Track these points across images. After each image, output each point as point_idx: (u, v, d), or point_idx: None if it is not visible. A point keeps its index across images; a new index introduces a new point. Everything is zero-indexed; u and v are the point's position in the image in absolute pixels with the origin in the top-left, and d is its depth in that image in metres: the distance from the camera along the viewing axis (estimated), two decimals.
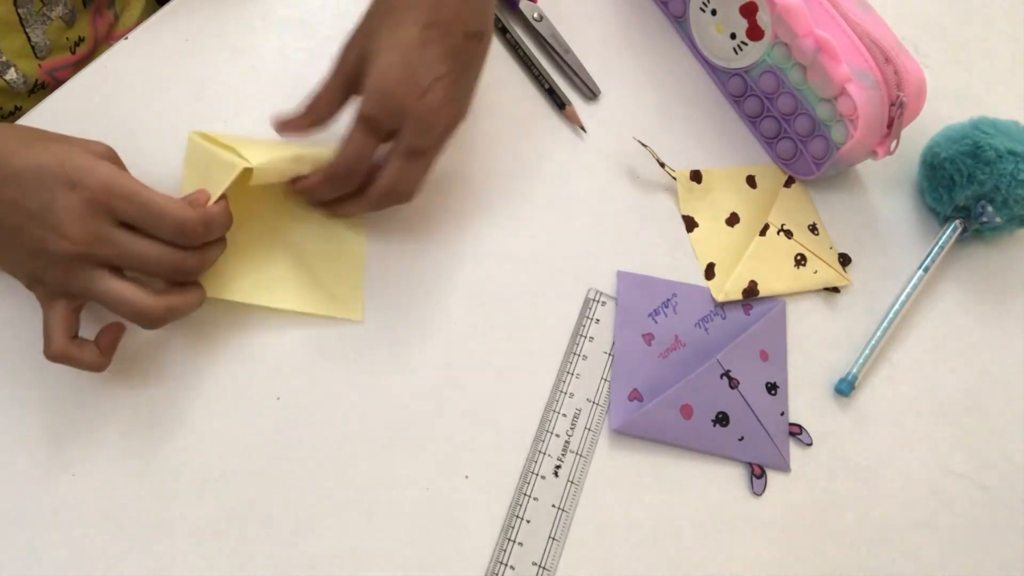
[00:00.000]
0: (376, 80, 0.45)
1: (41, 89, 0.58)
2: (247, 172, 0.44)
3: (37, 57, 0.57)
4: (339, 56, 0.48)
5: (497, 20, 0.60)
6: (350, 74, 0.47)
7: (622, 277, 0.54)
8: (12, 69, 0.56)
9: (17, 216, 0.41)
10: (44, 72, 0.58)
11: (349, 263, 0.52)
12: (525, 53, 0.60)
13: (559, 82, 0.60)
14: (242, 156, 0.44)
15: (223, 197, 0.44)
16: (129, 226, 0.42)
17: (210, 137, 0.47)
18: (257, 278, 0.49)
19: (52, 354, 0.43)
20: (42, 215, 0.41)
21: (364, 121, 0.46)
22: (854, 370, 0.54)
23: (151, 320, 0.43)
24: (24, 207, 0.41)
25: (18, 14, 0.54)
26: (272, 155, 0.46)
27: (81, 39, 0.60)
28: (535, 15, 0.61)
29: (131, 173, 0.44)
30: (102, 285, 0.42)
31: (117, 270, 0.43)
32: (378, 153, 0.48)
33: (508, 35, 0.60)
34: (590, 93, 0.60)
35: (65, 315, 0.43)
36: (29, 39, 0.56)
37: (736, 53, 0.58)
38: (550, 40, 0.60)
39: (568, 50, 0.60)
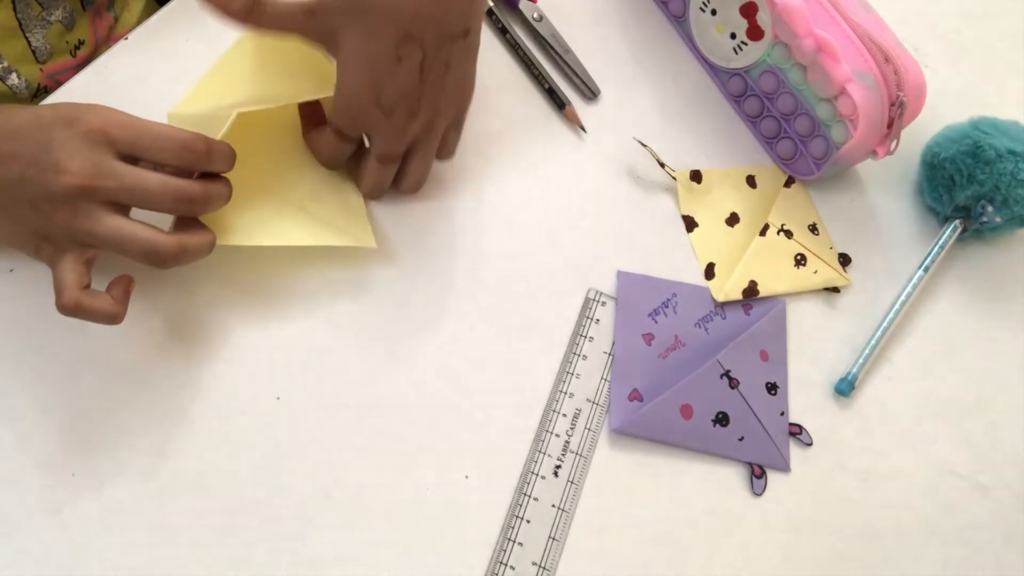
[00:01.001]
0: (343, 95, 0.46)
1: (44, 93, 0.58)
2: (242, 117, 0.44)
3: (38, 61, 0.57)
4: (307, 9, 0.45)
5: (497, 20, 0.60)
6: (308, 29, 0.45)
7: (622, 277, 0.54)
8: (14, 74, 0.56)
9: (16, 167, 0.41)
10: (46, 76, 0.58)
11: (352, 197, 0.52)
12: (525, 53, 0.60)
13: (559, 82, 0.60)
14: (224, 107, 0.45)
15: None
16: (131, 161, 0.42)
17: (188, 103, 0.47)
18: (260, 218, 0.48)
19: (64, 304, 0.41)
20: (40, 157, 0.40)
21: (333, 128, 0.48)
22: (854, 370, 0.54)
23: (164, 257, 0.42)
24: (23, 155, 0.41)
25: (17, 19, 0.54)
26: (255, 86, 0.46)
27: (81, 42, 0.60)
28: (535, 15, 0.61)
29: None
30: (109, 222, 0.41)
31: (123, 209, 0.42)
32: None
33: (508, 35, 0.60)
34: (590, 93, 0.60)
35: (75, 266, 0.42)
36: (29, 43, 0.56)
37: (736, 53, 0.58)
38: (550, 40, 0.61)
39: (568, 50, 0.61)
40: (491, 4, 0.60)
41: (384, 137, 0.48)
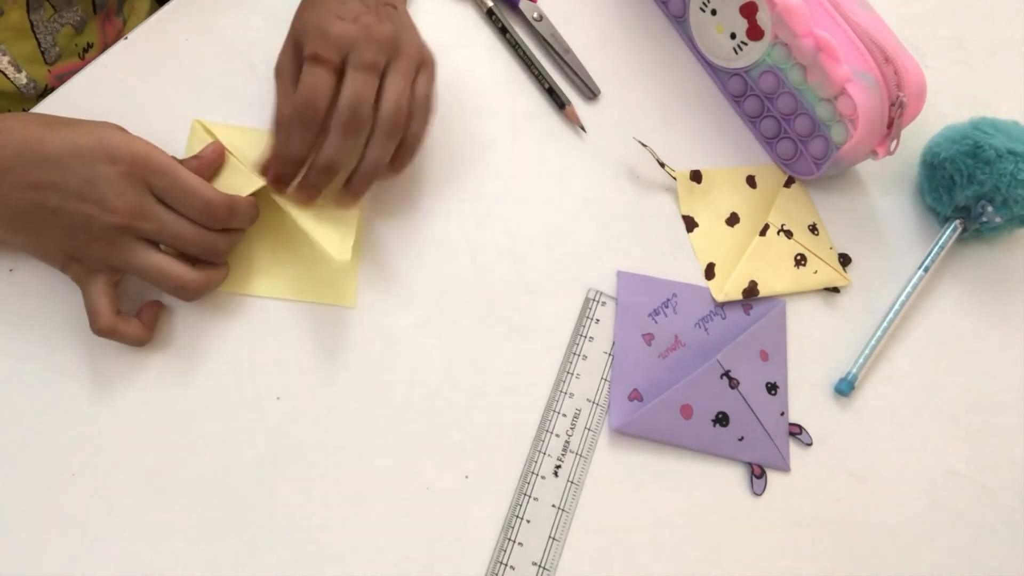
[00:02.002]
0: (309, 21, 0.47)
1: (51, 94, 0.58)
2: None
3: (47, 63, 0.57)
4: (287, 36, 0.50)
5: (497, 20, 0.60)
6: (298, 40, 0.48)
7: (622, 277, 0.54)
8: (23, 74, 0.56)
9: (56, 196, 0.43)
10: (53, 77, 0.58)
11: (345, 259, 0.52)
12: (525, 53, 0.60)
13: (559, 82, 0.60)
14: (252, 173, 0.48)
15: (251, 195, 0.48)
16: (161, 201, 0.45)
17: (211, 130, 0.49)
18: (251, 269, 0.50)
19: (101, 328, 0.45)
20: (84, 191, 0.43)
21: (311, 60, 0.46)
22: (854, 370, 0.54)
23: (191, 292, 0.46)
24: (63, 186, 0.43)
25: (30, 20, 0.55)
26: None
27: (90, 45, 0.60)
28: (535, 15, 0.61)
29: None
30: (145, 257, 0.45)
31: (154, 244, 0.45)
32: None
33: (508, 35, 0.60)
34: (590, 93, 0.60)
35: (107, 289, 0.45)
36: (40, 45, 0.56)
37: (736, 53, 0.58)
38: (550, 40, 0.61)
39: (568, 50, 0.60)
40: (491, 4, 0.60)
41: (361, 43, 0.47)
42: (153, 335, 0.47)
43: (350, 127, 0.46)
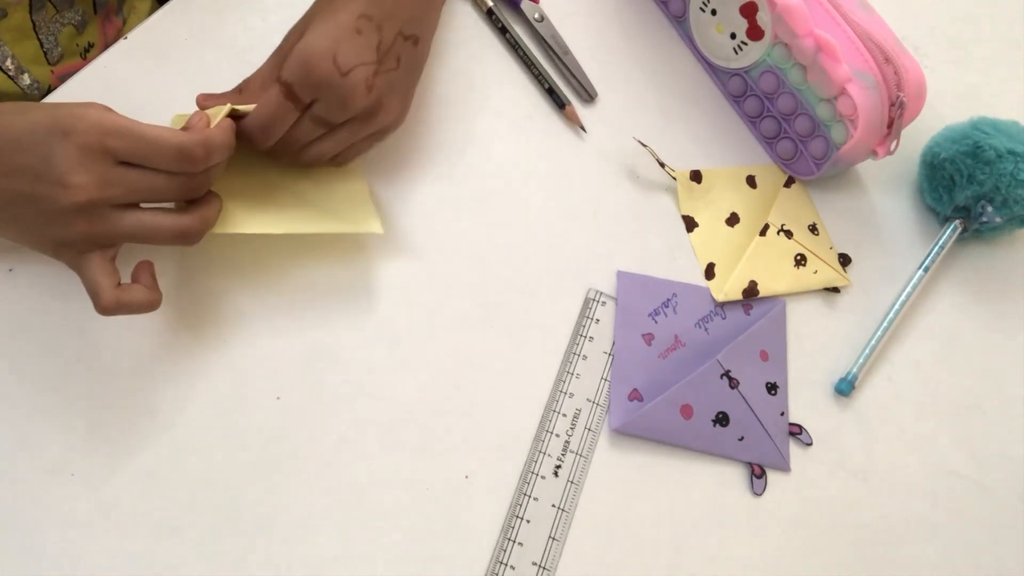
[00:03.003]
0: (301, 49, 0.45)
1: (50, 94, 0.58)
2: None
3: (49, 63, 0.58)
4: (280, 44, 0.49)
5: (497, 20, 0.60)
6: (285, 56, 0.47)
7: (622, 277, 0.54)
8: (26, 75, 0.56)
9: (25, 181, 0.41)
10: (56, 78, 0.58)
11: (353, 183, 0.51)
12: (525, 53, 0.60)
13: (558, 83, 0.60)
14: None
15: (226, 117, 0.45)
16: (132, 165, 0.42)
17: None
18: (263, 207, 0.48)
19: (105, 306, 0.42)
20: (45, 172, 0.40)
21: (282, 84, 0.45)
22: (854, 370, 0.54)
23: (194, 235, 0.44)
24: (29, 170, 0.41)
25: (32, 20, 0.55)
26: None
27: (91, 44, 0.60)
28: (536, 15, 0.61)
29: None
30: (131, 221, 0.42)
31: (134, 205, 0.43)
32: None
33: (508, 35, 0.60)
34: (587, 96, 0.60)
35: (103, 267, 0.43)
36: (42, 45, 0.56)
37: (736, 53, 0.58)
38: (550, 41, 0.60)
39: (567, 51, 0.60)
40: (491, 4, 0.60)
41: (331, 97, 0.46)
42: (161, 295, 0.44)
43: (271, 154, 0.48)
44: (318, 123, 0.47)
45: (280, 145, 0.47)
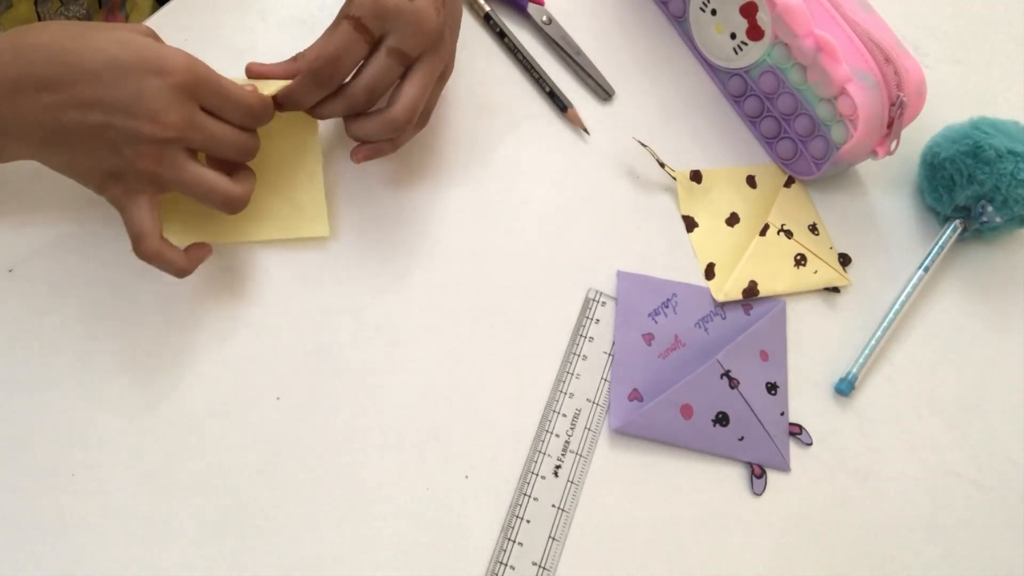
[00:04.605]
0: None
1: None
2: None
3: None
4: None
5: (494, 25, 0.60)
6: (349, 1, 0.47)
7: (622, 277, 0.54)
8: None
9: (100, 112, 0.41)
10: None
11: (307, 184, 0.52)
12: (524, 57, 0.59)
13: (572, 84, 0.59)
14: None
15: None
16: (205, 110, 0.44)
17: None
18: (212, 217, 0.49)
19: (147, 251, 0.44)
20: (132, 105, 0.41)
21: (350, 19, 0.45)
22: (854, 370, 0.54)
23: (238, 203, 0.46)
24: (109, 103, 0.41)
25: (37, 13, 0.55)
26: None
27: None
28: (544, 18, 0.61)
29: None
30: (195, 172, 0.44)
31: (195, 155, 0.45)
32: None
33: (506, 39, 0.60)
34: (604, 94, 0.60)
35: (152, 209, 0.44)
36: None
37: (736, 53, 0.58)
38: (561, 43, 0.60)
39: (580, 51, 0.60)
40: (487, 10, 0.60)
41: (404, 25, 0.46)
42: (194, 271, 0.46)
43: (354, 107, 0.48)
44: (394, 57, 0.46)
45: (367, 97, 0.47)
